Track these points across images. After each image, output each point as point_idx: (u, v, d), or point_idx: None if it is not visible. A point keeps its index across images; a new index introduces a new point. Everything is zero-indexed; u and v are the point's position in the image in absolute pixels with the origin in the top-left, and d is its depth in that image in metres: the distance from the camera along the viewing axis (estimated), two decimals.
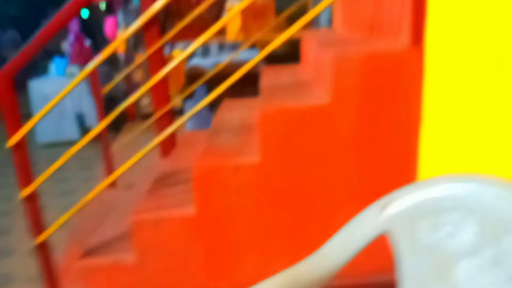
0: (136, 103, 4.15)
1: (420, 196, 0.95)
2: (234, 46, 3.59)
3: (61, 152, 1.63)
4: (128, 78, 3.72)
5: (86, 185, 3.44)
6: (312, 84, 1.76)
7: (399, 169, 1.46)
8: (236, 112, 2.24)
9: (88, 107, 4.17)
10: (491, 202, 0.86)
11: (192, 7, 2.07)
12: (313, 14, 1.46)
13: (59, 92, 4.28)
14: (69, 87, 1.51)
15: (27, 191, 1.53)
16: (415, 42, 1.33)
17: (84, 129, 4.28)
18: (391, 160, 1.46)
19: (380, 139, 1.44)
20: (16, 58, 1.42)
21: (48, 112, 1.57)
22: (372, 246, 0.96)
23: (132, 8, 4.02)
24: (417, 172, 1.37)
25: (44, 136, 4.14)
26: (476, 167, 1.09)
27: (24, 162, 1.50)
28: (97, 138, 4.61)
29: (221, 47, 3.96)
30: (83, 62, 4.35)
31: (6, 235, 2.80)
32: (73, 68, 4.17)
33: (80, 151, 1.64)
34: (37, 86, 4.17)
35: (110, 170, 2.70)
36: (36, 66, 5.15)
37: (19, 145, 1.48)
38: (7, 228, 2.89)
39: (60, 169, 1.58)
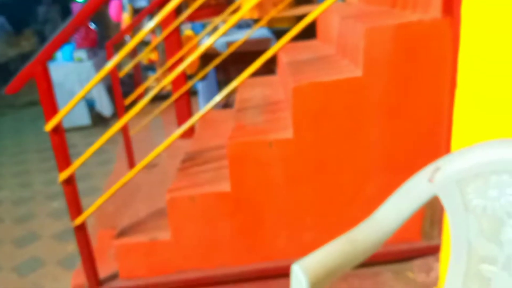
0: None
1: (468, 161, 0.98)
2: (242, 25, 3.58)
3: (73, 137, 1.64)
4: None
5: (101, 169, 3.48)
6: (336, 58, 1.78)
7: (431, 139, 1.50)
8: (257, 90, 2.26)
9: (97, 92, 4.17)
10: None
11: None
12: None
13: (69, 78, 4.24)
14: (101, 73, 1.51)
15: (66, 174, 1.56)
16: (446, 13, 1.35)
17: (93, 115, 4.29)
18: (423, 130, 1.50)
19: (412, 109, 1.48)
20: (49, 45, 1.43)
21: (58, 98, 1.55)
22: None
23: None
24: (451, 140, 1.41)
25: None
26: None
27: (62, 145, 1.53)
28: (107, 122, 4.60)
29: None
30: (90, 46, 4.33)
31: (30, 221, 2.84)
32: (80, 53, 4.15)
33: (91, 136, 1.66)
34: None
35: (130, 151, 2.74)
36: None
37: (57, 129, 1.50)
38: (31, 214, 2.93)
39: (73, 155, 1.60)
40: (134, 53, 3.76)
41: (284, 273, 1.00)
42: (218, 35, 1.47)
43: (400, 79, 1.44)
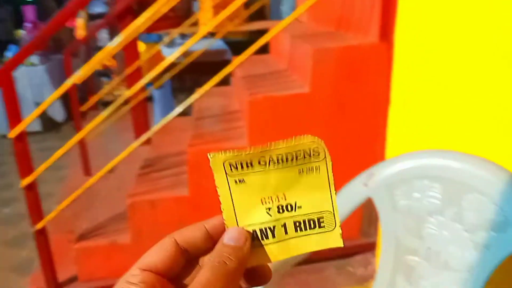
0: (95, 91, 4.14)
1: (396, 168, 1.16)
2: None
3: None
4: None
5: (54, 174, 3.45)
6: (287, 73, 1.94)
7: (369, 149, 1.69)
8: (213, 100, 2.39)
9: (49, 96, 4.11)
10: (452, 170, 1.08)
11: None
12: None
13: (20, 82, 4.16)
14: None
15: (28, 180, 1.61)
16: (383, 38, 1.55)
17: (45, 119, 4.22)
18: (362, 141, 1.69)
19: (352, 123, 1.66)
20: (16, 55, 1.49)
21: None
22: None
23: None
24: (385, 149, 1.60)
25: (2, 127, 4.04)
26: (436, 143, 1.33)
27: (25, 151, 1.58)
28: (59, 127, 4.53)
29: (183, 37, 4.05)
30: (42, 50, 4.26)
31: None
32: (32, 58, 4.08)
33: (43, 141, 1.70)
34: None
35: (85, 157, 2.77)
36: None
37: (20, 136, 1.55)
38: None
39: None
40: (88, 58, 3.76)
41: None
42: (186, 47, 1.59)
43: (342, 95, 1.62)
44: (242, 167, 0.35)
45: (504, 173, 1.00)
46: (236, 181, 0.36)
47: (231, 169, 0.36)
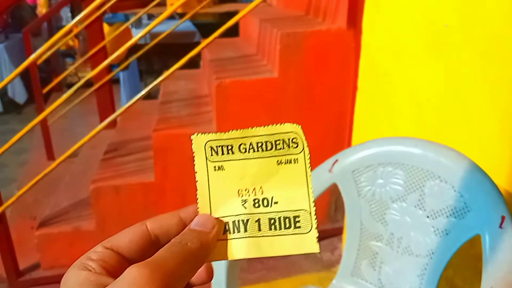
0: (60, 72, 4.00)
1: (360, 154, 1.17)
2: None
3: None
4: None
5: (16, 158, 3.33)
6: (258, 58, 1.92)
7: (336, 134, 1.69)
8: (181, 83, 2.34)
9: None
10: (414, 157, 1.10)
11: None
12: None
13: None
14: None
15: None
16: (351, 24, 1.54)
17: (5, 101, 4.05)
18: (330, 127, 1.69)
19: (320, 108, 1.66)
20: None
21: None
22: None
23: None
24: (352, 133, 1.62)
25: None
26: (400, 129, 1.35)
27: None
28: (20, 109, 4.37)
29: (150, 18, 3.94)
30: (1, 28, 4.07)
31: None
32: None
33: (3, 123, 1.63)
34: None
35: (48, 141, 2.68)
36: None
37: None
38: None
39: None
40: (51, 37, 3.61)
41: None
42: (151, 27, 1.53)
43: (310, 80, 1.61)
44: (223, 152, 0.35)
45: (464, 160, 1.02)
46: (215, 168, 0.35)
47: (211, 154, 0.35)
